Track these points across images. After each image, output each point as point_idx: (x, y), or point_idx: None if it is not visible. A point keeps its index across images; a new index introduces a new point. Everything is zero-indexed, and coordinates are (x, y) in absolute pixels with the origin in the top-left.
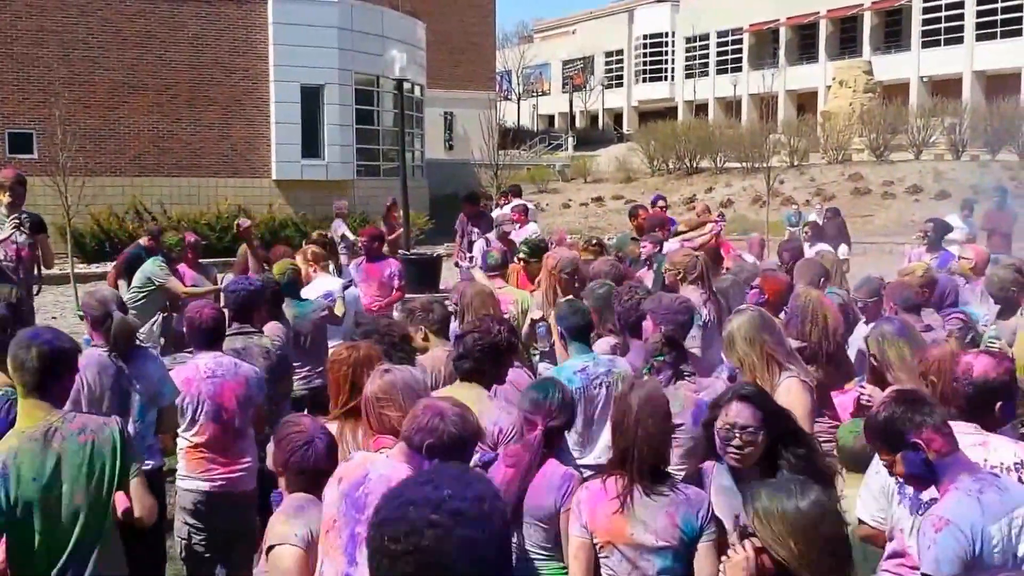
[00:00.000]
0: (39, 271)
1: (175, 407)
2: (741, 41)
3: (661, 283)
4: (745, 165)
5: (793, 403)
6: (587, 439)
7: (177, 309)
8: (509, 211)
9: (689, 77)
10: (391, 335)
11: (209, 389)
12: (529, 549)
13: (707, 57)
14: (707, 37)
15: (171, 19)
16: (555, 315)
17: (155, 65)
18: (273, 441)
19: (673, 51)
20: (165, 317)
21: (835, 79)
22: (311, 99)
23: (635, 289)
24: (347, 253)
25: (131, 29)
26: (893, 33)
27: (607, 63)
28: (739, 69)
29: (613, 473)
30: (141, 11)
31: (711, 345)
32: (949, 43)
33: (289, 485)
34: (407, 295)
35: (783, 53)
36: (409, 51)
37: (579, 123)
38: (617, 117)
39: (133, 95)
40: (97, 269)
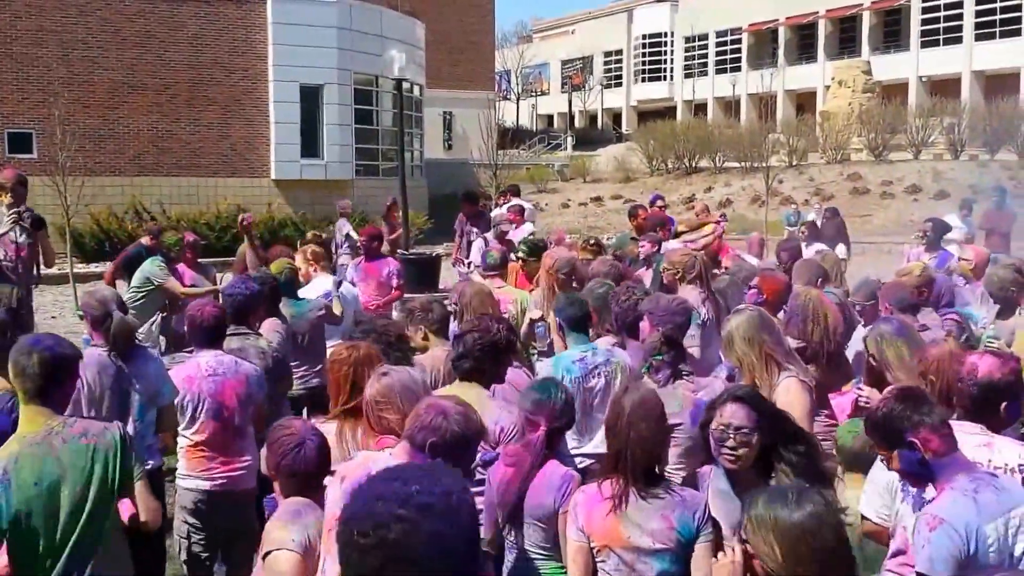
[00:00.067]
0: (38, 270)
1: (174, 406)
2: (740, 41)
3: (659, 283)
4: (744, 165)
5: (792, 403)
6: (585, 428)
7: (176, 309)
8: (505, 211)
9: (688, 77)
10: (388, 335)
11: (210, 387)
12: (528, 548)
13: (706, 57)
14: (706, 37)
15: (170, 19)
16: (553, 308)
17: (154, 65)
18: (266, 445)
19: (672, 51)
20: (164, 317)
21: (834, 79)
22: (310, 99)
23: (633, 289)
24: (350, 253)
25: (130, 29)
26: (892, 33)
27: (606, 63)
28: (738, 69)
29: (608, 476)
30: (140, 11)
31: (709, 344)
32: (948, 43)
33: (283, 489)
34: (406, 295)
35: (782, 53)
36: (408, 51)
37: (578, 123)
38: (616, 117)
39: (132, 95)
40: (96, 269)
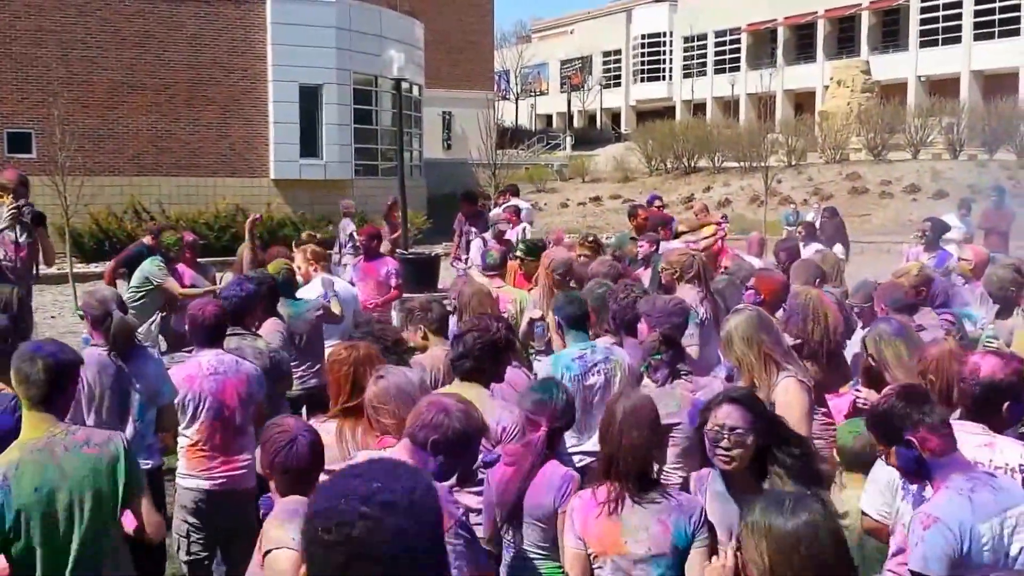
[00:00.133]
0: (37, 268)
1: (174, 406)
2: (739, 41)
3: (658, 283)
4: (743, 164)
5: (791, 403)
6: (584, 426)
7: (175, 309)
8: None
9: (687, 77)
10: (384, 339)
11: (211, 386)
12: (527, 548)
13: (705, 57)
14: (705, 37)
15: (170, 19)
16: (552, 307)
17: (154, 65)
18: (260, 444)
19: (671, 51)
20: (163, 316)
21: (833, 79)
22: (309, 99)
23: (631, 287)
24: (353, 252)
25: (130, 29)
26: (891, 33)
27: (605, 63)
28: (737, 69)
29: (603, 482)
30: (140, 11)
31: (708, 343)
32: (947, 43)
33: (278, 487)
34: (405, 295)
35: (781, 53)
36: (407, 51)
37: (577, 123)
38: (615, 117)
39: (132, 95)
40: (96, 268)
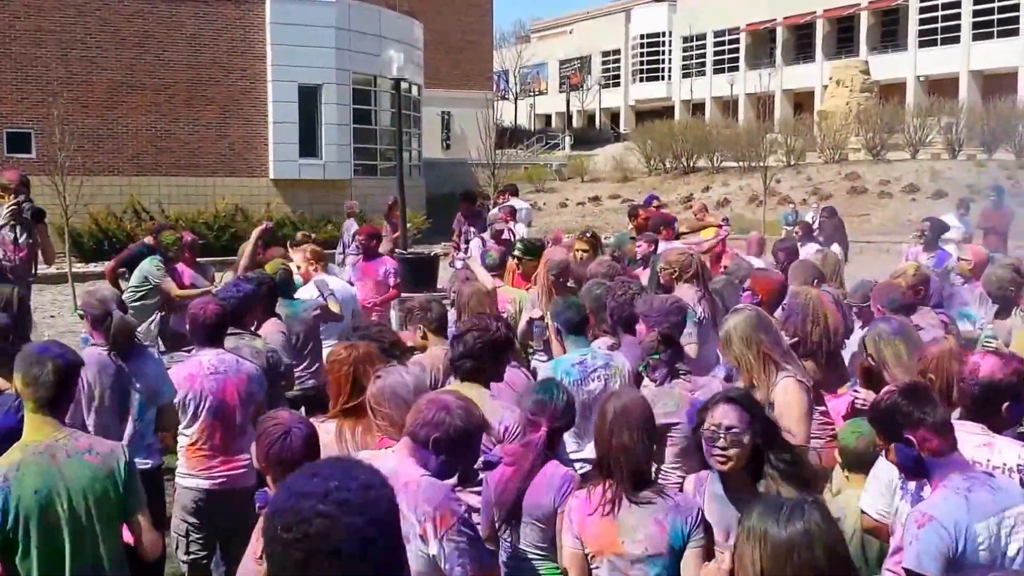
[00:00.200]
0: (35, 268)
1: (174, 406)
2: (738, 41)
3: (656, 282)
4: (742, 164)
5: (790, 403)
6: (584, 432)
7: (173, 309)
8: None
9: (686, 77)
10: (381, 341)
11: (212, 385)
12: (525, 548)
13: (704, 57)
14: (704, 37)
15: (169, 19)
16: (550, 311)
17: (153, 65)
18: (255, 438)
19: (670, 51)
20: (163, 316)
21: (832, 78)
22: (309, 99)
23: (628, 284)
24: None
25: (129, 29)
26: (890, 33)
27: (604, 63)
28: (736, 69)
29: (598, 482)
30: (139, 11)
31: (706, 342)
32: (946, 43)
33: (274, 481)
34: (404, 294)
35: (780, 53)
36: (406, 51)
37: (576, 123)
38: (614, 117)
39: (131, 95)
40: (95, 268)
